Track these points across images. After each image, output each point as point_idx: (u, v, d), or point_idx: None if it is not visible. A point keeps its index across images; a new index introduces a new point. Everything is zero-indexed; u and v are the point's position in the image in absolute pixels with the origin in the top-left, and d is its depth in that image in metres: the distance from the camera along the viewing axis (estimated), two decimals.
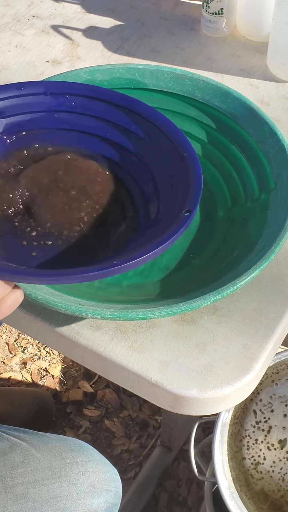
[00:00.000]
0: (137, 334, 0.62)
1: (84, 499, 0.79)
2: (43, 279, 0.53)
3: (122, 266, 0.52)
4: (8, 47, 0.92)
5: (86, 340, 0.62)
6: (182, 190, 0.61)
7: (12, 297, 0.51)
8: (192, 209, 0.57)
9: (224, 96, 0.76)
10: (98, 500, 0.81)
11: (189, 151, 0.63)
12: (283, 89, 0.86)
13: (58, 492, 0.78)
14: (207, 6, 0.90)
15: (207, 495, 0.99)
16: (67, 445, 0.83)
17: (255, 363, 0.60)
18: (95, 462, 0.83)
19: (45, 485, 0.78)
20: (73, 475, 0.80)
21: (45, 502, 0.77)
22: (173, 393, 0.59)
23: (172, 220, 0.57)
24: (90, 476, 0.81)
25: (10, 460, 0.79)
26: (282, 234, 0.63)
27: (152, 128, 0.67)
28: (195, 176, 0.61)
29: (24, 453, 0.80)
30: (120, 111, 0.69)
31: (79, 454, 0.83)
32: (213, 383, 0.59)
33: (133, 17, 0.97)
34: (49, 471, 0.79)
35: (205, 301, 0.59)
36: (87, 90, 0.69)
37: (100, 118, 0.69)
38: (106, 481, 0.83)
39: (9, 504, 0.75)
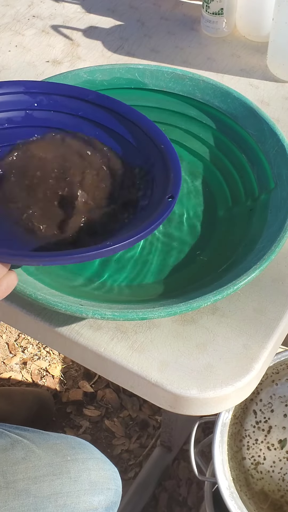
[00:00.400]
0: (137, 334, 0.62)
1: (84, 496, 0.79)
2: (39, 260, 0.56)
3: (114, 246, 0.56)
4: (8, 47, 0.92)
5: (86, 340, 0.62)
6: (163, 178, 0.64)
7: (8, 279, 0.53)
8: (175, 194, 0.61)
9: (224, 96, 0.76)
10: (98, 498, 0.81)
11: (164, 142, 0.67)
12: (283, 89, 0.86)
13: (59, 488, 0.78)
14: (207, 6, 0.90)
15: (207, 495, 0.99)
16: (68, 443, 0.84)
17: (255, 363, 0.60)
18: (95, 460, 0.84)
19: (46, 482, 0.78)
20: (74, 472, 0.80)
21: (46, 498, 0.77)
22: (173, 393, 0.59)
23: (156, 206, 0.61)
24: (91, 473, 0.81)
25: (11, 456, 0.79)
26: (282, 234, 0.63)
27: (129, 124, 0.70)
28: (173, 164, 0.65)
29: (25, 449, 0.80)
30: (99, 109, 0.71)
31: (80, 452, 0.83)
32: (213, 383, 0.59)
33: (133, 17, 0.97)
34: (50, 468, 0.79)
35: (205, 301, 0.59)
36: (63, 89, 0.72)
37: (79, 116, 0.71)
38: (107, 479, 0.83)
39: (10, 500, 0.76)
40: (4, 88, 0.70)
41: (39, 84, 0.72)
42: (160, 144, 0.67)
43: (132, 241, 0.57)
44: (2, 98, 0.70)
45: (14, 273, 0.54)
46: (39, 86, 0.71)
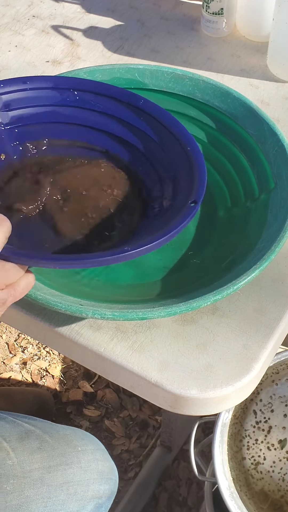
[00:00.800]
0: (137, 334, 0.62)
1: (93, 485, 0.83)
2: (57, 263, 0.55)
3: (132, 252, 0.55)
4: (8, 47, 0.92)
5: (86, 340, 0.62)
6: (187, 182, 0.63)
7: (25, 280, 0.54)
8: (198, 200, 0.60)
9: (224, 96, 0.76)
10: (104, 487, 0.85)
11: (192, 145, 0.66)
12: (283, 89, 0.86)
13: (71, 477, 0.81)
14: (207, 6, 0.90)
15: (207, 495, 0.99)
16: (76, 434, 0.87)
17: (255, 363, 0.60)
18: (102, 451, 0.88)
19: (59, 471, 0.81)
20: (84, 462, 0.83)
21: (58, 487, 0.80)
22: (173, 393, 0.59)
23: (178, 211, 0.60)
24: (99, 463, 0.85)
25: (27, 445, 0.81)
26: (282, 234, 0.63)
27: (156, 124, 0.69)
28: (198, 168, 0.63)
29: (39, 439, 0.82)
30: (124, 107, 0.70)
31: (88, 443, 0.86)
32: (213, 383, 0.59)
33: (133, 17, 0.97)
34: (63, 458, 0.82)
35: (205, 301, 0.59)
36: (92, 85, 0.71)
37: (106, 114, 0.70)
38: (111, 470, 0.87)
39: (26, 488, 0.78)
40: (32, 83, 0.70)
41: (69, 80, 0.71)
42: (186, 146, 0.65)
43: (151, 246, 0.56)
44: (30, 93, 0.70)
45: (32, 274, 0.55)
46: (68, 82, 0.70)
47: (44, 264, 0.55)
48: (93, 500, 0.83)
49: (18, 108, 0.70)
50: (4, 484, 0.77)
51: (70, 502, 0.80)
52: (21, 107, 0.70)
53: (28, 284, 0.55)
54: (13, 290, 0.53)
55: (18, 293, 0.54)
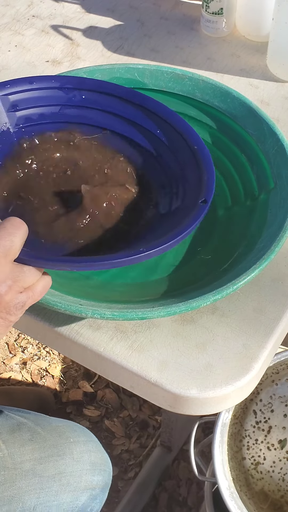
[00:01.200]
0: (137, 334, 0.62)
1: (86, 476, 0.83)
2: (74, 265, 0.56)
3: (148, 252, 0.55)
4: (8, 47, 0.92)
5: (85, 340, 0.62)
6: (195, 181, 0.63)
7: (43, 283, 0.55)
8: (208, 198, 0.60)
9: (224, 96, 0.76)
10: (97, 478, 0.85)
11: (199, 144, 0.66)
12: (283, 89, 0.86)
13: (63, 468, 0.82)
14: (207, 6, 0.90)
15: (207, 495, 0.99)
16: (69, 426, 0.88)
17: (254, 362, 0.60)
18: (94, 442, 0.88)
19: (51, 462, 0.81)
20: (77, 453, 0.84)
21: (51, 478, 0.80)
22: (173, 393, 0.59)
23: (188, 210, 0.60)
24: (91, 455, 0.85)
25: (18, 437, 0.82)
26: (282, 234, 0.63)
27: (162, 123, 0.69)
28: (207, 167, 0.63)
29: (31, 431, 0.83)
30: (131, 106, 0.70)
31: (81, 435, 0.87)
32: (213, 383, 0.59)
33: (132, 17, 0.97)
34: (55, 449, 0.82)
35: (204, 301, 0.59)
36: (98, 85, 0.71)
37: (112, 113, 0.71)
38: (104, 461, 0.88)
39: (17, 480, 0.78)
40: (38, 83, 0.70)
41: (73, 80, 0.71)
42: (193, 145, 0.66)
43: (165, 247, 0.56)
44: (36, 93, 0.70)
45: (49, 276, 0.56)
46: (73, 81, 0.70)
47: (61, 266, 0.56)
48: (87, 491, 0.83)
49: (25, 108, 0.70)
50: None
51: (63, 493, 0.81)
52: (28, 107, 0.70)
53: (46, 286, 0.55)
54: (32, 293, 0.54)
55: (37, 295, 0.55)
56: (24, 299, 0.53)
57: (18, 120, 0.69)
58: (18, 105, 0.69)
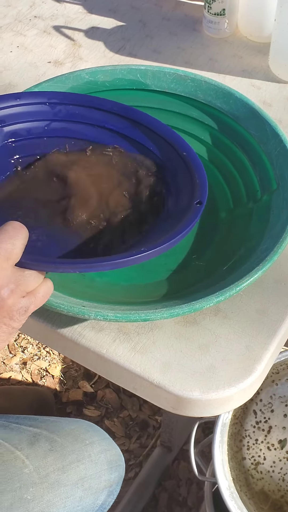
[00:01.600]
0: (140, 336, 0.62)
1: (104, 476, 0.84)
2: (76, 267, 0.56)
3: (148, 252, 0.56)
4: (10, 47, 0.92)
5: (88, 341, 0.62)
6: (188, 185, 0.64)
7: (44, 287, 0.54)
8: (202, 200, 0.61)
9: (226, 97, 0.76)
10: (114, 475, 0.86)
11: (187, 150, 0.67)
12: (285, 90, 0.86)
13: (84, 473, 0.82)
14: (209, 6, 0.90)
15: (207, 495, 0.99)
16: (81, 427, 0.88)
17: (257, 364, 0.60)
18: (107, 440, 0.89)
19: (73, 469, 0.81)
20: (94, 455, 0.84)
21: (74, 485, 0.81)
22: (176, 394, 0.59)
23: (184, 212, 0.61)
24: (107, 453, 0.86)
25: (39, 449, 0.81)
26: (285, 235, 0.63)
27: (149, 132, 0.70)
28: (197, 170, 0.64)
29: (49, 441, 0.83)
30: (118, 118, 0.71)
31: (94, 435, 0.87)
32: (216, 385, 0.59)
33: (134, 17, 0.96)
34: (74, 455, 0.83)
35: (207, 302, 0.59)
36: (83, 99, 0.72)
37: (98, 126, 0.71)
38: (118, 456, 0.88)
39: (45, 493, 0.78)
40: (24, 99, 0.70)
41: (59, 95, 0.71)
42: (182, 152, 0.67)
43: (166, 246, 0.57)
44: (23, 108, 0.70)
45: (50, 281, 0.55)
46: (58, 96, 0.71)
47: (64, 269, 0.56)
48: (106, 490, 0.84)
49: (12, 123, 0.70)
50: (25, 494, 0.77)
51: (86, 497, 0.81)
52: (15, 123, 0.70)
53: (48, 291, 0.55)
54: (34, 298, 0.53)
55: (39, 300, 0.54)
56: (27, 304, 0.53)
57: (5, 135, 0.69)
58: (5, 120, 0.70)
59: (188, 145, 0.67)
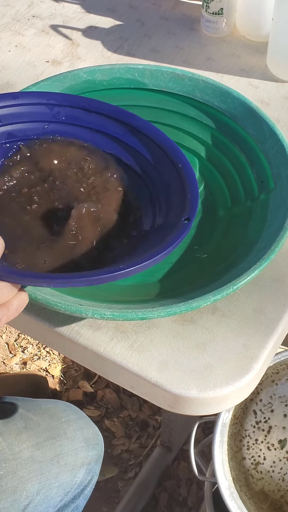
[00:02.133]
0: (137, 334, 0.62)
1: (81, 453, 0.85)
2: (51, 282, 0.54)
3: (127, 270, 0.54)
4: (8, 47, 0.92)
5: (86, 340, 0.62)
6: (180, 199, 0.62)
7: (18, 299, 0.53)
8: (191, 216, 0.59)
9: (224, 96, 0.76)
10: (92, 452, 0.87)
11: (183, 162, 0.65)
12: (283, 89, 0.86)
13: (59, 450, 0.83)
14: (207, 6, 0.90)
15: (207, 495, 0.99)
16: (58, 406, 0.89)
17: (255, 363, 0.60)
18: (84, 419, 0.90)
19: (47, 446, 0.82)
20: (70, 432, 0.85)
21: (49, 461, 0.82)
22: (173, 393, 0.59)
23: (171, 228, 0.59)
24: (83, 431, 0.87)
25: (13, 427, 0.82)
26: (282, 234, 0.63)
27: (147, 141, 0.68)
28: (191, 185, 0.63)
29: (24, 418, 0.84)
30: (116, 123, 0.69)
31: (71, 413, 0.88)
32: (213, 383, 0.59)
33: (132, 17, 0.97)
34: (49, 432, 0.84)
35: (205, 301, 0.59)
36: (83, 102, 0.70)
37: (97, 130, 0.70)
38: (95, 435, 0.90)
39: (18, 469, 0.79)
40: (22, 99, 0.70)
41: (58, 96, 0.70)
42: (178, 163, 0.65)
43: (146, 264, 0.55)
44: (20, 109, 0.70)
45: (26, 293, 0.54)
46: (57, 98, 0.70)
47: (38, 283, 0.54)
48: (83, 467, 0.85)
49: (9, 123, 0.69)
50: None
51: (63, 474, 0.82)
52: (12, 123, 0.69)
53: (22, 303, 0.53)
54: (7, 310, 0.52)
55: (11, 313, 0.53)
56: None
57: (1, 136, 0.69)
58: (1, 120, 0.69)
59: (185, 158, 0.65)
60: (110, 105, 0.70)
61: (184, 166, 0.65)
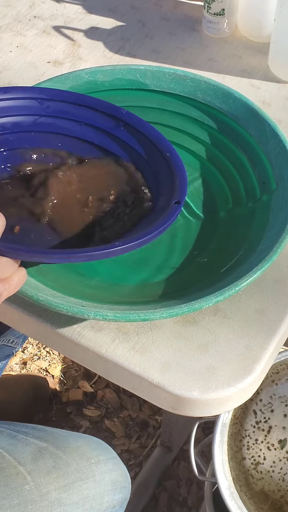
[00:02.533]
0: (139, 335, 0.62)
1: (107, 497, 0.83)
2: (50, 257, 0.57)
3: (123, 246, 0.57)
4: (10, 47, 0.92)
5: (87, 341, 0.62)
6: (169, 185, 0.65)
7: (18, 275, 0.55)
8: (181, 199, 0.63)
9: (226, 97, 0.76)
10: (118, 496, 0.84)
11: (170, 150, 0.68)
12: (285, 90, 0.86)
13: (86, 493, 0.80)
14: (208, 6, 0.90)
15: (207, 495, 1.00)
16: (88, 444, 0.86)
17: (257, 364, 0.60)
18: (114, 459, 0.87)
19: (75, 488, 0.80)
20: (98, 474, 0.83)
21: (74, 504, 0.79)
22: (175, 394, 0.59)
23: (161, 212, 0.62)
24: (112, 474, 0.84)
25: (42, 466, 0.80)
26: (284, 235, 0.63)
27: (136, 133, 0.70)
28: (178, 172, 0.66)
29: (53, 457, 0.81)
30: (105, 117, 0.71)
31: (102, 453, 0.86)
32: (215, 385, 0.59)
33: (134, 17, 0.97)
34: (78, 474, 0.81)
35: (207, 302, 0.59)
36: (72, 97, 0.72)
37: (85, 123, 0.72)
38: (124, 477, 0.87)
39: (44, 511, 0.77)
40: (13, 93, 0.71)
41: (47, 91, 0.72)
42: (165, 153, 0.68)
43: (141, 242, 0.58)
44: (10, 102, 0.71)
45: (24, 270, 0.56)
46: (46, 92, 0.72)
47: (38, 258, 0.56)
48: (107, 510, 0.83)
49: None
50: (23, 511, 0.76)
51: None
52: (1, 116, 0.71)
53: (22, 278, 0.55)
54: (8, 285, 0.54)
55: (12, 287, 0.54)
56: (0, 290, 0.53)
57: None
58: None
59: (172, 146, 0.68)
60: (98, 100, 0.72)
61: (172, 155, 0.67)
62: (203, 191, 0.73)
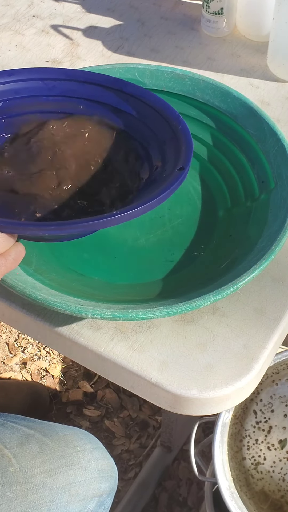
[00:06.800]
0: (137, 334, 0.62)
1: (94, 484, 0.84)
2: (45, 229, 0.55)
3: (121, 215, 0.55)
4: (8, 47, 0.92)
5: (86, 340, 0.62)
6: (174, 152, 0.64)
7: (16, 250, 0.54)
8: (185, 166, 0.60)
9: (224, 96, 0.75)
10: (104, 485, 0.85)
11: (177, 119, 0.67)
12: (283, 89, 0.86)
13: (72, 478, 0.82)
14: (207, 5, 0.90)
15: (207, 495, 0.99)
16: (75, 434, 0.87)
17: (255, 363, 0.60)
18: (101, 449, 0.88)
19: (61, 473, 0.81)
20: (84, 462, 0.84)
21: (60, 489, 0.80)
22: (173, 393, 0.59)
23: (166, 178, 0.60)
24: (98, 462, 0.86)
25: (28, 450, 0.82)
26: (282, 234, 0.63)
27: (142, 105, 0.69)
28: (185, 139, 0.64)
29: (39, 443, 0.83)
30: (110, 92, 0.71)
31: (87, 442, 0.87)
32: (213, 383, 0.59)
33: (133, 16, 0.96)
34: (63, 460, 0.82)
35: (205, 301, 0.59)
36: (77, 75, 0.72)
37: (90, 100, 0.71)
38: (110, 467, 0.88)
39: (29, 494, 0.78)
40: (17, 75, 0.71)
41: (52, 71, 0.72)
42: (172, 121, 0.66)
43: (140, 210, 0.56)
44: (16, 85, 0.71)
45: (21, 245, 0.55)
46: (51, 72, 0.72)
47: (32, 230, 0.55)
48: (95, 499, 0.84)
49: (4, 99, 0.70)
50: (7, 491, 0.77)
51: (73, 503, 0.81)
52: (7, 99, 0.70)
53: (19, 254, 0.55)
54: (5, 260, 0.54)
55: (9, 263, 0.54)
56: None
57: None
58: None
59: (179, 115, 0.67)
60: (103, 75, 0.71)
61: (179, 123, 0.66)
62: (202, 190, 0.73)
